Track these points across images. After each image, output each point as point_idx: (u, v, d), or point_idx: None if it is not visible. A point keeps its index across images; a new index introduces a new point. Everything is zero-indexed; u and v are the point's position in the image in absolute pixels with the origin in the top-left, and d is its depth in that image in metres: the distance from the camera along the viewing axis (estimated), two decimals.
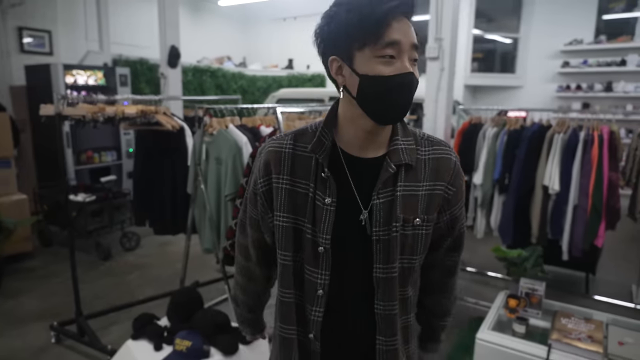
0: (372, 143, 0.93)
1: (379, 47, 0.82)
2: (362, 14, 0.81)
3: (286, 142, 0.95)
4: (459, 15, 3.50)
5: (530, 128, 3.15)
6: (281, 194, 0.94)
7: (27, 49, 5.54)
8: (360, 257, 0.93)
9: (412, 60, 0.86)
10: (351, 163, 0.93)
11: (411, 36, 0.84)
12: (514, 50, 7.39)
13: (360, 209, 0.92)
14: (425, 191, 0.93)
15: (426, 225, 0.94)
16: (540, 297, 2.32)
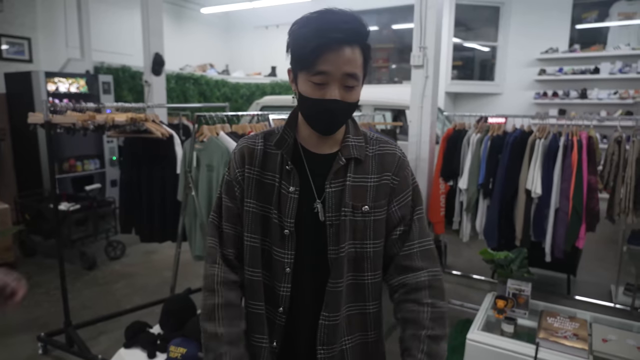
0: (325, 141, 1.06)
1: (311, 74, 0.95)
2: (299, 45, 0.94)
3: (258, 140, 1.09)
4: (441, 24, 3.59)
5: (512, 134, 3.25)
6: (251, 184, 1.07)
7: (6, 56, 5.45)
8: (316, 240, 1.04)
9: (346, 87, 0.96)
10: (309, 158, 1.07)
11: (343, 66, 0.93)
12: (493, 58, 7.58)
13: (315, 198, 1.04)
14: (374, 182, 1.06)
15: (375, 212, 1.05)
16: (526, 298, 2.39)
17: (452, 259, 4.37)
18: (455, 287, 3.86)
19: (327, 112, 0.97)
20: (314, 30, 0.92)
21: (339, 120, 1.01)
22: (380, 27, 8.21)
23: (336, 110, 0.97)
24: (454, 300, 3.53)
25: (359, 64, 0.96)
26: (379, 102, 5.70)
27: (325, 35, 0.91)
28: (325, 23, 0.92)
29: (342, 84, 0.95)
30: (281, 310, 1.05)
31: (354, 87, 0.97)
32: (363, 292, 1.07)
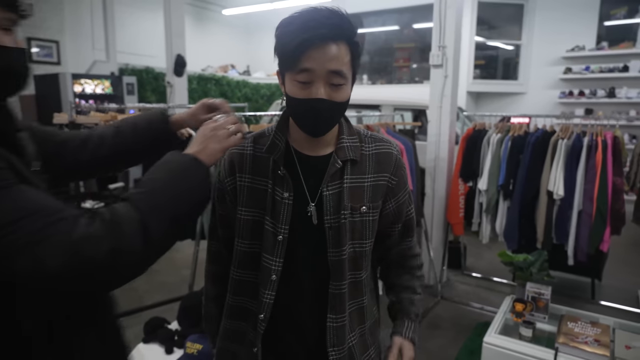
0: (317, 143, 1.04)
1: (295, 73, 0.92)
2: (283, 44, 0.93)
3: (247, 144, 1.06)
4: (461, 23, 3.55)
5: (534, 134, 3.18)
6: (243, 191, 1.05)
7: (35, 58, 5.64)
8: (313, 243, 1.03)
9: (332, 84, 0.93)
10: (302, 160, 1.04)
11: (327, 63, 0.90)
12: (516, 57, 7.43)
13: (308, 201, 1.03)
14: (371, 182, 1.05)
15: (372, 212, 1.05)
16: (546, 301, 2.33)
17: (472, 261, 4.30)
18: (475, 290, 3.80)
19: (313, 112, 0.94)
20: (297, 28, 0.90)
21: (327, 121, 0.97)
22: (401, 27, 8.16)
23: (322, 110, 0.94)
24: (473, 303, 3.49)
25: (345, 61, 0.93)
26: (399, 102, 5.67)
27: (308, 32, 0.89)
28: (309, 20, 0.90)
29: (327, 82, 0.92)
30: (262, 318, 1.03)
31: (340, 85, 0.94)
32: (361, 289, 1.09)
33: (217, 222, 1.13)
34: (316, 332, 1.05)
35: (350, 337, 1.07)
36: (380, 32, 8.37)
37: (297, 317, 1.06)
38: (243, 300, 1.09)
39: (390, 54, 8.41)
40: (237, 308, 1.10)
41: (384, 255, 1.21)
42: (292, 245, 1.03)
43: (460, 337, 2.99)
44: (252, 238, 1.05)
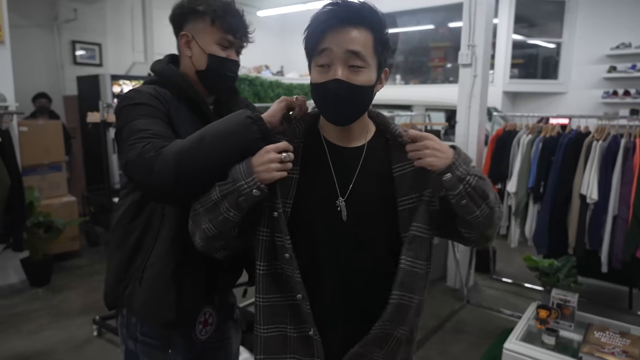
0: (347, 133, 1.02)
1: (316, 56, 0.94)
2: (307, 34, 0.95)
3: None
4: (493, 21, 3.46)
5: (567, 135, 3.06)
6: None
7: (80, 61, 5.91)
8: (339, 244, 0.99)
9: (350, 66, 0.92)
10: (333, 151, 1.02)
11: (345, 43, 0.90)
12: (557, 55, 7.15)
13: (337, 194, 0.99)
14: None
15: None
16: (572, 309, 2.25)
17: (501, 266, 4.18)
18: (503, 295, 3.69)
19: (331, 94, 0.92)
20: (319, 14, 0.93)
21: (347, 105, 0.94)
22: (436, 26, 8.01)
23: (340, 92, 0.91)
24: (500, 309, 3.39)
25: (367, 45, 0.92)
26: (431, 102, 5.59)
27: (329, 15, 0.91)
28: (331, 6, 0.92)
29: (345, 64, 0.91)
30: (299, 297, 0.97)
31: (360, 67, 0.92)
32: (421, 281, 1.03)
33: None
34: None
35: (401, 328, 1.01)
36: (414, 31, 8.25)
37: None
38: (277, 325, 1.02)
39: (425, 53, 8.28)
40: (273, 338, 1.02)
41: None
42: (316, 243, 0.99)
43: (484, 342, 2.92)
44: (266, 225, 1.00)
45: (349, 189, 0.99)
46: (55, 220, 3.81)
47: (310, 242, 1.00)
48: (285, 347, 1.00)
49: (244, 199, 0.91)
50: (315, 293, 0.99)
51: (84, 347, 2.85)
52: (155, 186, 0.98)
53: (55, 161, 4.26)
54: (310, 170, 1.02)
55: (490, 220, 0.97)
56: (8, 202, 3.23)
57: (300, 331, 0.99)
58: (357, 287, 1.00)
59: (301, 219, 1.00)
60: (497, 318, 3.30)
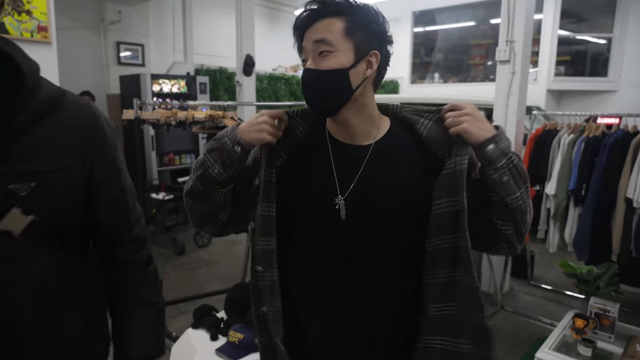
0: (348, 131, 0.99)
1: (301, 55, 0.98)
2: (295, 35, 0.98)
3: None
4: (537, 17, 3.31)
5: (612, 135, 2.89)
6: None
7: (123, 61, 6.15)
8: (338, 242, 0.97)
9: (319, 54, 0.93)
10: (337, 148, 1.00)
11: (312, 36, 0.93)
12: (607, 52, 6.77)
13: (337, 192, 0.96)
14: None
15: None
16: (613, 320, 2.11)
17: (540, 271, 4.00)
18: (540, 302, 3.53)
19: (306, 85, 0.95)
20: (297, 21, 0.97)
21: (318, 91, 0.94)
22: (477, 22, 7.78)
23: (309, 79, 0.94)
24: (537, 316, 3.25)
25: (333, 30, 0.92)
26: (470, 100, 5.42)
27: (302, 18, 0.95)
28: (305, 10, 0.95)
29: (315, 54, 0.93)
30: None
31: (327, 52, 0.92)
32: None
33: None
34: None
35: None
36: (453, 28, 8.05)
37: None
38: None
39: (465, 51, 8.06)
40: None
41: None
42: (308, 242, 1.00)
43: (517, 350, 2.80)
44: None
45: (350, 188, 0.96)
46: None
47: (307, 237, 1.00)
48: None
49: (227, 155, 0.95)
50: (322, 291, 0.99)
51: None
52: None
53: None
54: (312, 166, 1.00)
55: (527, 206, 0.93)
56: None
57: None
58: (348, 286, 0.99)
59: (298, 215, 0.99)
60: (533, 325, 3.16)
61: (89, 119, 0.94)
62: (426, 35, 8.42)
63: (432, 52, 8.38)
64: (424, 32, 8.41)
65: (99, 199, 0.97)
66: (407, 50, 8.34)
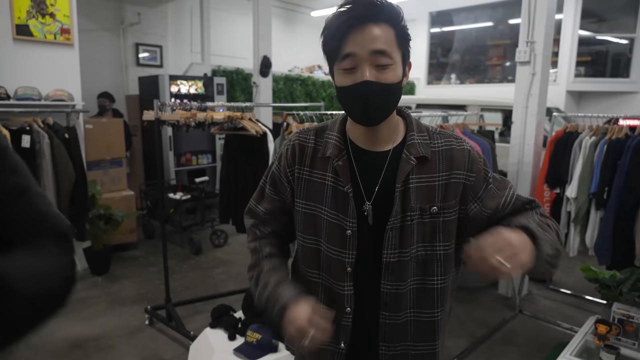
0: (376, 137, 1.00)
1: (339, 61, 0.92)
2: (326, 38, 0.93)
3: (309, 136, 1.06)
4: (557, 17, 3.26)
5: (635, 137, 2.83)
6: (302, 184, 1.04)
7: (142, 62, 6.22)
8: (370, 242, 0.99)
9: (378, 66, 0.90)
10: (359, 155, 1.01)
11: (369, 43, 0.88)
12: (629, 52, 6.64)
13: (363, 198, 0.99)
14: (442, 181, 0.98)
15: (445, 212, 0.98)
16: (637, 326, 2.07)
17: (560, 275, 3.94)
18: (560, 307, 3.48)
19: (361, 97, 0.90)
20: (337, 16, 0.90)
21: (378, 105, 0.92)
22: (495, 23, 7.70)
23: (370, 93, 0.90)
24: (556, 321, 3.20)
25: (390, 41, 0.89)
26: (486, 102, 5.37)
27: (347, 16, 0.88)
28: (347, 5, 0.90)
29: (372, 64, 0.89)
30: (348, 311, 1.01)
31: (387, 65, 0.89)
32: (432, 297, 1.02)
33: (262, 200, 1.12)
34: (374, 329, 1.03)
35: (411, 345, 1.04)
36: (471, 29, 7.97)
37: (359, 311, 1.03)
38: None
39: (482, 51, 7.98)
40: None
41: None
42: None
43: (536, 356, 2.76)
44: (316, 234, 1.03)
45: (374, 193, 0.99)
46: (115, 212, 4.03)
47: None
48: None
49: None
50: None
51: (136, 334, 2.98)
52: None
53: (117, 157, 4.51)
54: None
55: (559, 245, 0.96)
56: (72, 194, 3.46)
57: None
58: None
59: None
60: (552, 330, 3.11)
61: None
62: (443, 35, 8.36)
63: (448, 52, 8.32)
64: (441, 33, 8.35)
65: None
66: (424, 51, 8.30)
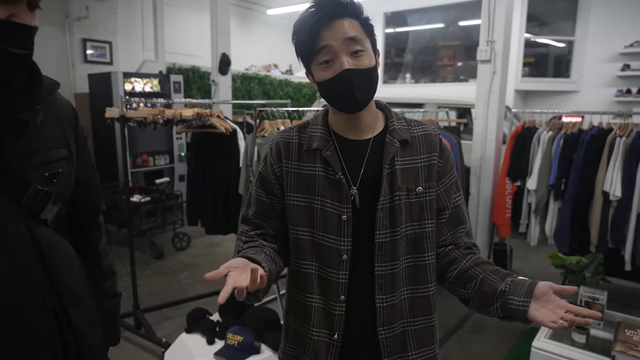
0: (356, 126, 1.05)
1: (316, 55, 0.97)
2: (299, 39, 0.99)
3: (292, 134, 1.09)
4: (511, 18, 3.42)
5: (589, 131, 3.02)
6: (291, 177, 1.07)
7: (90, 59, 5.90)
8: (362, 225, 1.04)
9: (353, 52, 0.96)
10: (342, 144, 1.06)
11: (341, 34, 0.95)
12: (569, 54, 7.09)
13: (350, 184, 1.04)
14: (424, 163, 1.06)
15: (429, 192, 1.05)
16: (602, 307, 2.20)
17: (518, 264, 4.14)
18: None
19: (345, 85, 0.96)
20: (306, 19, 0.97)
21: (360, 90, 0.97)
22: (447, 24, 7.97)
23: (352, 79, 0.95)
24: None
25: (358, 30, 0.97)
26: (443, 100, 5.54)
27: (316, 16, 0.95)
28: (313, 8, 0.96)
29: (348, 52, 0.96)
30: (342, 299, 1.03)
31: (361, 51, 0.97)
32: (425, 274, 1.07)
33: (254, 208, 1.11)
34: (372, 314, 1.05)
35: (409, 322, 1.07)
36: (424, 30, 8.21)
37: (356, 298, 1.05)
38: (310, 298, 1.07)
39: (434, 52, 8.23)
40: (307, 307, 1.08)
41: (441, 256, 1.11)
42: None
43: (505, 342, 2.88)
44: (310, 225, 1.05)
45: (359, 178, 1.04)
46: None
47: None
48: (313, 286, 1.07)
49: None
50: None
51: None
52: None
53: None
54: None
55: None
56: None
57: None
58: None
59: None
60: None
61: (71, 109, 1.02)
62: (397, 36, 8.54)
63: (403, 52, 8.52)
64: (395, 33, 8.54)
65: (80, 182, 1.01)
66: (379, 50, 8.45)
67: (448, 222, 1.10)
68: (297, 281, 1.10)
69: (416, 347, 1.07)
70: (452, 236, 1.10)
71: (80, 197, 1.02)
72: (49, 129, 0.91)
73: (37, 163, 0.86)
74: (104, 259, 1.12)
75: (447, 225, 1.10)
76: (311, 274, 1.06)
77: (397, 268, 1.04)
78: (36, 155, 0.86)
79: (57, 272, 0.89)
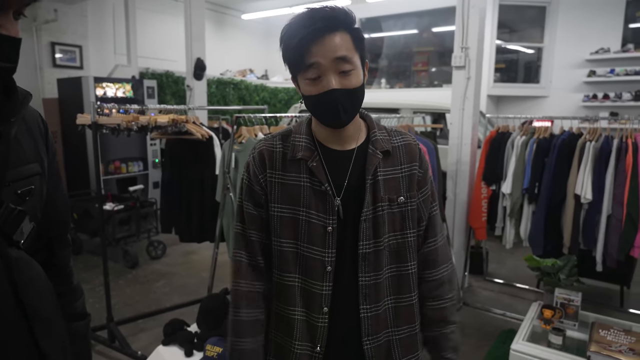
0: (340, 137, 1.05)
1: (304, 71, 0.96)
2: (287, 48, 0.97)
3: (276, 142, 1.07)
4: (484, 25, 3.49)
5: (560, 136, 3.10)
6: (275, 187, 1.05)
7: (59, 63, 5.73)
8: (346, 236, 1.03)
9: (342, 72, 0.95)
10: (327, 154, 1.05)
11: (331, 52, 0.93)
12: (538, 60, 7.30)
13: (334, 195, 1.02)
14: (405, 172, 1.06)
15: (410, 202, 1.06)
16: (576, 308, 2.26)
17: (494, 267, 4.21)
18: (497, 296, 3.71)
19: (330, 104, 0.95)
20: (294, 29, 0.94)
21: (346, 109, 0.97)
22: (420, 30, 8.09)
23: (337, 99, 0.95)
24: (496, 310, 3.40)
25: (349, 47, 0.94)
26: (418, 105, 5.61)
27: (305, 29, 0.92)
28: (304, 19, 0.94)
29: (336, 71, 0.94)
30: (325, 311, 1.02)
31: (350, 71, 0.95)
32: (408, 283, 1.07)
33: (246, 222, 1.09)
34: (356, 324, 1.04)
35: (393, 331, 1.07)
36: (399, 36, 8.32)
37: (340, 309, 1.04)
38: (292, 311, 1.06)
39: (409, 57, 8.34)
40: (289, 320, 1.06)
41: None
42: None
43: (484, 344, 2.91)
44: (294, 236, 1.04)
45: (343, 189, 1.03)
46: None
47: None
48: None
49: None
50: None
51: None
52: None
53: None
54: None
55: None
56: None
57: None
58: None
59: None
60: (495, 319, 3.30)
61: (40, 119, 0.94)
62: (372, 42, 8.62)
63: (378, 58, 8.60)
64: (370, 39, 8.61)
65: (49, 197, 0.94)
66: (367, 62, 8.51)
67: (425, 232, 1.11)
68: (279, 294, 1.07)
69: (401, 355, 1.07)
70: (427, 248, 1.12)
71: (50, 213, 0.95)
72: (22, 142, 0.85)
73: (10, 179, 0.79)
74: (73, 277, 1.06)
75: (423, 234, 1.12)
76: (294, 287, 1.04)
77: (381, 278, 1.04)
78: (8, 171, 0.79)
79: (28, 297, 0.82)
